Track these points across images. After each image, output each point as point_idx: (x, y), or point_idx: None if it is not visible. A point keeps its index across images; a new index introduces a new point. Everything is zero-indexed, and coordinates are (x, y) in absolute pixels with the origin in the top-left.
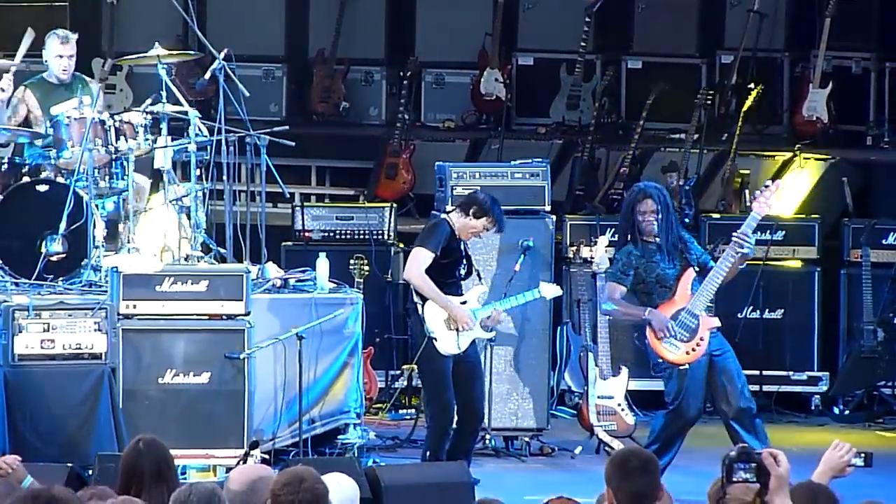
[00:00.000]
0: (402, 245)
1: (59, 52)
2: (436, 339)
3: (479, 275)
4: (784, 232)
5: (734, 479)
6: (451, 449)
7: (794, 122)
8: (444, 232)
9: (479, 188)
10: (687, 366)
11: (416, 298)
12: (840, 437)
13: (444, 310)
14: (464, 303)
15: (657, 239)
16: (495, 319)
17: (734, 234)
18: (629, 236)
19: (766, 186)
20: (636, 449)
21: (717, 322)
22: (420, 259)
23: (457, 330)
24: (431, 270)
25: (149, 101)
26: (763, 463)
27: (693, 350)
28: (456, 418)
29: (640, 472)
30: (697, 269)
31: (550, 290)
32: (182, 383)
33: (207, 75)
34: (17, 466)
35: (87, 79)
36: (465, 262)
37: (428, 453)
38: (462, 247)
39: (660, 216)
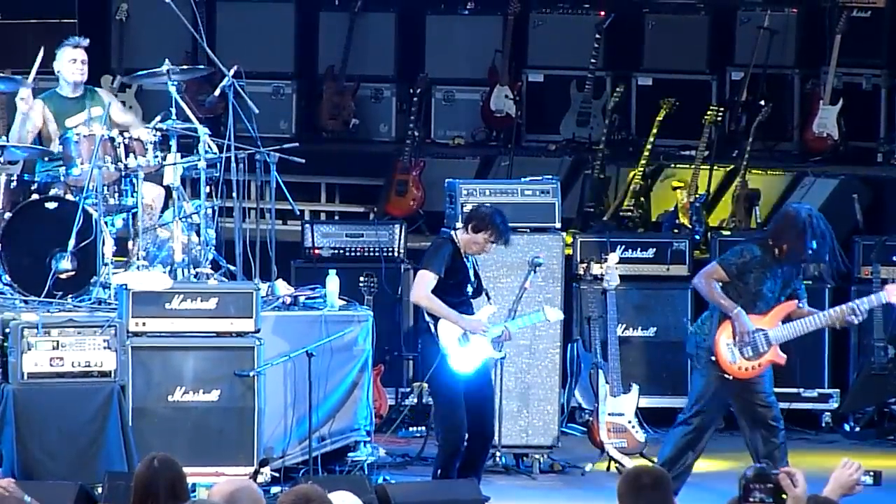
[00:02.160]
0: (412, 262)
1: (73, 56)
2: (449, 358)
3: (487, 295)
4: None
5: (750, 500)
6: (462, 466)
7: (805, 138)
8: (446, 252)
9: (484, 203)
10: (730, 377)
11: (427, 318)
12: (850, 454)
13: (456, 325)
14: None
15: (780, 258)
16: (504, 338)
17: (854, 302)
18: (769, 247)
19: None
20: (648, 466)
21: (783, 360)
22: (425, 281)
23: (469, 349)
24: (439, 291)
25: (158, 117)
26: (780, 483)
27: (747, 370)
28: (466, 436)
29: (652, 489)
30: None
31: (554, 315)
32: (191, 401)
33: (217, 92)
34: (12, 490)
35: (99, 90)
36: (473, 280)
37: (438, 471)
38: (469, 265)
39: None
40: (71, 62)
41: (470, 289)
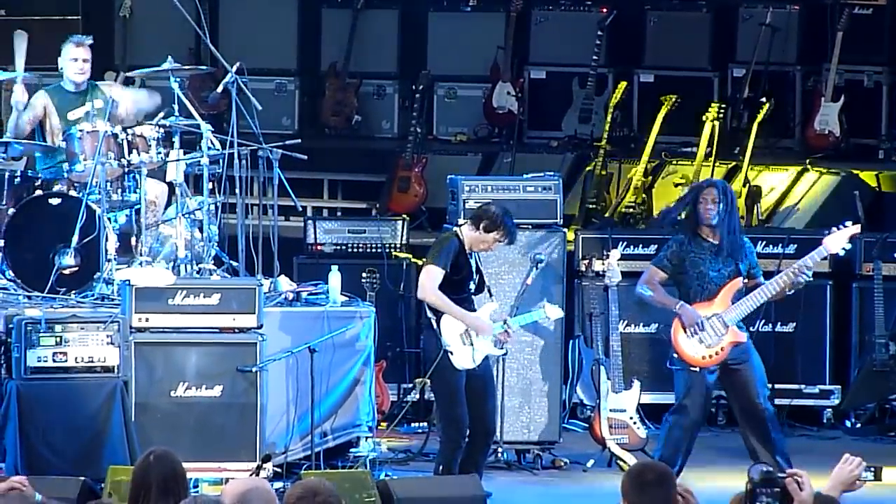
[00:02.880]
0: (414, 259)
1: (74, 55)
2: (452, 354)
3: (489, 291)
4: (796, 245)
5: (756, 503)
6: (464, 462)
7: (806, 135)
8: (452, 247)
9: (491, 201)
10: (698, 369)
11: (429, 314)
12: (851, 451)
13: (461, 322)
14: None
15: (713, 240)
16: (506, 336)
17: (797, 263)
18: (686, 227)
19: (844, 226)
20: (652, 462)
21: (744, 337)
22: (432, 276)
23: (472, 345)
24: (442, 286)
25: (161, 114)
26: (787, 487)
27: (711, 357)
28: (468, 432)
29: (656, 485)
30: (746, 279)
31: (554, 313)
32: (194, 396)
33: (220, 89)
34: (25, 488)
35: (100, 84)
36: (475, 277)
37: (440, 467)
38: (473, 262)
39: (721, 207)
40: (72, 61)
41: (472, 286)
